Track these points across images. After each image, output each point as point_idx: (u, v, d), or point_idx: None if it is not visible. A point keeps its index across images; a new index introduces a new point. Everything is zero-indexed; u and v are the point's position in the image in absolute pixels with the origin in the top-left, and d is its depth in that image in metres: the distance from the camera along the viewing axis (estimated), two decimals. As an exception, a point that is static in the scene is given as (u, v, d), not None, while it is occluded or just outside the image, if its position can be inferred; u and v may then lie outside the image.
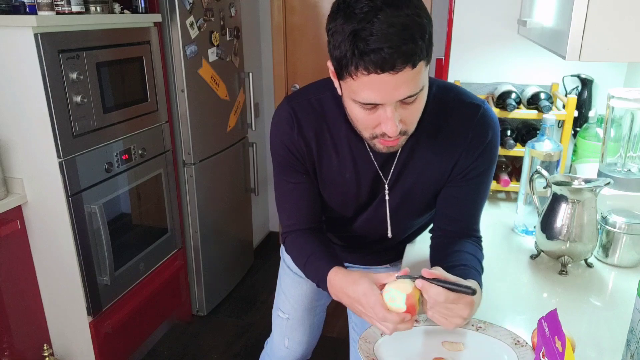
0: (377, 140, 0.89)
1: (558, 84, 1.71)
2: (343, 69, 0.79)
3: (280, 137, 1.02)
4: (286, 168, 1.04)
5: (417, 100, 0.83)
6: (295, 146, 1.01)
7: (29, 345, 1.89)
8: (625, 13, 0.89)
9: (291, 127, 1.00)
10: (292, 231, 1.09)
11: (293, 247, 1.09)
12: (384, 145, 0.90)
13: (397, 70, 0.75)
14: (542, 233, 1.19)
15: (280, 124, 1.02)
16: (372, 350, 0.88)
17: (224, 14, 2.47)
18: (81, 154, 1.75)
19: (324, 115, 1.00)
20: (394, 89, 0.78)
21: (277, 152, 1.04)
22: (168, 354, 2.36)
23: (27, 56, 1.56)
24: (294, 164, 1.03)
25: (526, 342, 0.89)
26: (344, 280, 0.92)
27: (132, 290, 2.08)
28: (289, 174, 1.05)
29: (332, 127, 1.00)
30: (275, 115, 1.05)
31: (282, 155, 1.03)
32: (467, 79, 1.78)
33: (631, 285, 1.12)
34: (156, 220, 2.25)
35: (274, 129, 1.04)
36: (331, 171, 1.03)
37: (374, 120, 0.84)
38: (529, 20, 1.32)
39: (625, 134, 1.39)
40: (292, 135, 1.00)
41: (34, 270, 1.86)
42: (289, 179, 1.05)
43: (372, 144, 0.92)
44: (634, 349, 0.78)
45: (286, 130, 1.01)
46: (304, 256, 1.04)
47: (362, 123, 0.87)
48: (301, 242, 1.07)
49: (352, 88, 0.81)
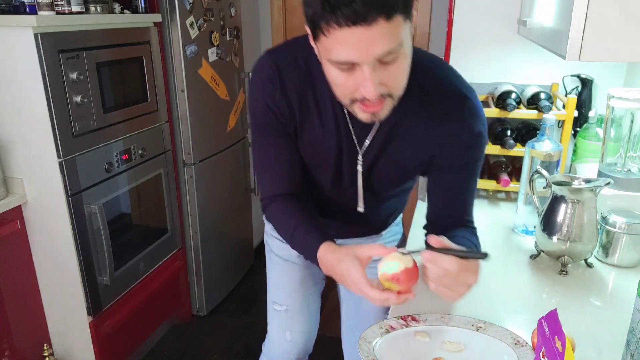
0: (357, 106, 0.83)
1: (558, 84, 1.71)
2: (316, 28, 0.75)
3: (262, 96, 0.95)
4: (267, 129, 0.98)
5: (398, 60, 0.78)
6: (277, 106, 0.94)
7: (29, 345, 1.89)
8: (625, 13, 0.89)
9: (274, 85, 0.93)
10: (274, 196, 1.02)
11: (276, 215, 1.02)
12: (366, 112, 0.83)
13: (370, 21, 0.71)
14: (542, 233, 1.19)
15: (262, 82, 0.94)
16: (372, 350, 0.88)
17: (224, 14, 2.47)
18: (81, 154, 1.75)
19: (310, 75, 0.93)
20: (369, 44, 0.73)
21: (257, 112, 0.97)
22: (168, 354, 2.36)
23: (27, 56, 1.56)
24: (276, 126, 0.96)
25: (526, 342, 0.89)
26: (331, 259, 0.89)
27: (132, 290, 2.08)
28: (270, 136, 0.98)
29: (317, 89, 0.93)
30: (255, 71, 0.96)
31: (263, 116, 0.96)
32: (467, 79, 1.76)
33: (631, 285, 1.12)
34: (156, 220, 2.25)
35: (255, 86, 0.96)
36: (313, 137, 0.97)
37: (352, 84, 0.79)
38: (529, 20, 1.32)
39: (625, 134, 1.39)
40: (274, 95, 0.93)
41: (34, 270, 1.86)
42: (270, 140, 0.99)
43: (354, 112, 0.86)
44: (634, 349, 0.78)
45: (268, 88, 0.94)
46: (290, 227, 0.98)
47: (341, 88, 0.82)
48: (286, 211, 1.00)
49: (326, 46, 0.76)
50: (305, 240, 0.96)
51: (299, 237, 0.97)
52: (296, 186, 1.03)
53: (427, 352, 0.89)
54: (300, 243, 0.98)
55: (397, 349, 0.90)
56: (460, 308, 1.01)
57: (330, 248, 0.90)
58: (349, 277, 0.83)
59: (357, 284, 0.82)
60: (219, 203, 2.63)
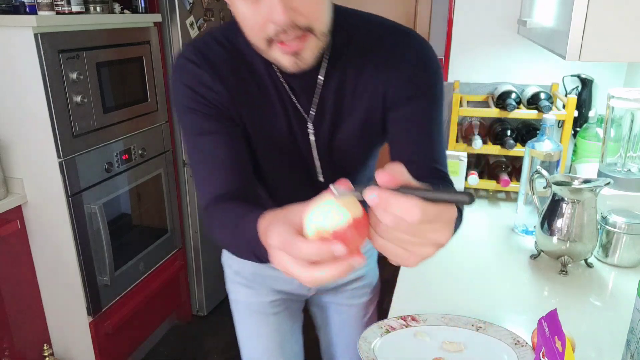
0: (277, 49, 0.72)
1: (558, 84, 1.71)
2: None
3: (186, 81, 0.82)
4: (198, 120, 0.83)
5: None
6: (208, 88, 0.82)
7: (29, 345, 1.89)
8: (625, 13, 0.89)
9: (200, 67, 0.82)
10: (215, 198, 0.81)
11: (216, 219, 0.79)
12: (287, 54, 0.73)
13: None
14: (542, 233, 1.19)
15: (184, 67, 0.83)
16: (372, 350, 0.88)
17: (224, 14, 2.47)
18: (81, 154, 1.75)
19: (237, 50, 0.83)
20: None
21: (183, 103, 0.83)
22: (168, 354, 2.36)
23: (27, 56, 1.56)
24: (208, 112, 0.83)
25: (526, 342, 0.89)
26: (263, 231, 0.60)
27: (132, 290, 2.08)
28: (202, 126, 0.83)
29: (250, 62, 0.83)
30: (175, 64, 0.85)
31: (191, 104, 0.83)
32: (467, 79, 1.78)
33: (631, 285, 1.12)
34: (156, 220, 2.25)
35: (176, 74, 0.84)
36: (259, 116, 0.86)
37: (262, 14, 0.68)
38: (529, 20, 1.32)
39: (625, 134, 1.39)
40: (202, 76, 0.82)
41: (34, 270, 1.86)
42: (204, 131, 0.83)
43: (276, 61, 0.75)
44: (634, 349, 0.78)
45: (193, 71, 0.82)
46: (230, 224, 0.73)
47: (251, 25, 0.72)
48: (225, 209, 0.78)
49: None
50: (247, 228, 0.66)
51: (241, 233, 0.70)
52: (241, 184, 0.84)
53: (427, 352, 0.89)
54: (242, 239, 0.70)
55: (397, 349, 0.90)
56: (460, 308, 1.01)
57: (269, 215, 0.60)
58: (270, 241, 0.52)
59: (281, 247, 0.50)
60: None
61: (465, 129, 1.72)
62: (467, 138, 1.65)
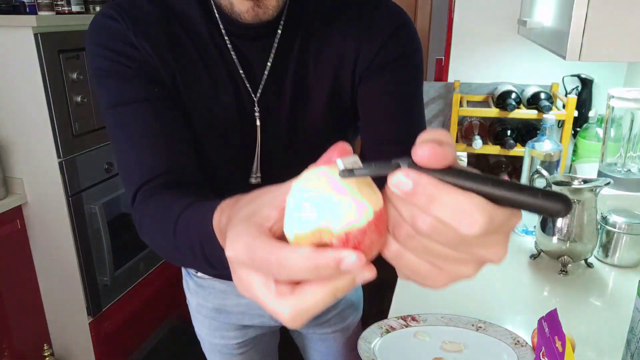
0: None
1: (558, 84, 1.71)
2: None
3: (102, 40, 0.65)
4: (117, 85, 0.65)
5: None
6: (129, 46, 0.65)
7: (29, 345, 1.89)
8: (625, 13, 0.89)
9: (119, 22, 0.65)
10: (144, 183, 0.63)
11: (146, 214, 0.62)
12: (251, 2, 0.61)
13: None
14: (542, 233, 1.19)
15: (101, 25, 0.66)
16: (372, 350, 0.88)
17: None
18: (81, 154, 1.75)
19: (171, 8, 0.68)
20: None
21: (98, 67, 0.66)
22: (168, 354, 2.36)
23: (27, 56, 1.56)
24: (130, 74, 0.65)
25: (526, 342, 0.89)
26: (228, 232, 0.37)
27: (132, 290, 2.08)
28: (123, 93, 0.65)
29: (187, 22, 0.68)
30: (90, 24, 0.68)
31: (108, 66, 0.65)
32: (467, 79, 1.78)
33: (631, 285, 1.12)
34: (156, 220, 2.24)
35: (91, 35, 0.67)
36: (199, 90, 0.69)
37: None
38: (529, 20, 1.32)
39: (625, 134, 1.39)
40: (122, 33, 0.65)
41: (34, 270, 1.86)
42: (126, 99, 0.65)
43: (230, 6, 0.64)
44: (634, 349, 0.78)
45: (111, 27, 0.65)
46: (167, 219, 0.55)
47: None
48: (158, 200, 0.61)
49: None
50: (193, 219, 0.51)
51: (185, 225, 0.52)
52: (181, 167, 0.65)
53: (427, 352, 0.89)
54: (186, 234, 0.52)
55: (397, 349, 0.90)
56: (460, 308, 1.01)
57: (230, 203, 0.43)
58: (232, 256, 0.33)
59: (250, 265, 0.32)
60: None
61: (465, 129, 1.72)
62: (467, 138, 1.65)
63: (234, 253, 0.32)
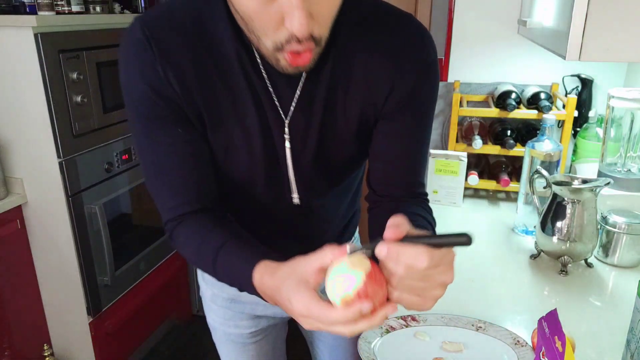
0: (282, 54, 0.62)
1: (558, 84, 1.71)
2: None
3: (136, 73, 0.69)
4: (153, 121, 0.71)
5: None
6: (160, 81, 0.68)
7: (29, 345, 1.89)
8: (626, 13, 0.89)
9: (149, 55, 0.67)
10: (178, 216, 0.74)
11: (187, 240, 0.74)
12: (291, 62, 0.62)
13: None
14: (542, 233, 1.19)
15: (131, 55, 0.69)
16: (372, 350, 0.88)
17: (224, 14, 2.47)
18: (81, 154, 1.75)
19: (203, 36, 0.69)
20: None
21: (135, 99, 0.71)
22: (168, 354, 2.36)
23: (27, 56, 1.56)
24: (164, 112, 0.70)
25: (526, 342, 0.89)
26: (271, 288, 0.62)
27: (132, 290, 2.08)
28: (158, 130, 0.71)
29: (217, 48, 0.69)
30: (122, 43, 0.70)
31: (144, 102, 0.70)
32: (467, 79, 1.78)
33: (631, 285, 1.12)
34: (156, 220, 2.23)
35: (124, 63, 0.70)
36: (225, 119, 0.72)
37: (275, 14, 0.58)
38: (529, 20, 1.32)
39: (625, 134, 1.39)
40: (153, 66, 0.67)
41: (34, 270, 1.86)
42: (161, 137, 0.71)
43: (275, 60, 0.64)
44: (634, 349, 0.78)
45: (142, 60, 0.68)
46: (210, 252, 0.70)
47: (259, 21, 0.59)
48: (199, 230, 0.73)
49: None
50: (234, 267, 0.67)
51: (224, 263, 0.69)
52: (209, 198, 0.76)
53: (427, 352, 0.89)
54: (227, 271, 0.69)
55: (397, 349, 0.90)
56: (460, 308, 1.01)
57: (268, 271, 0.63)
58: (296, 306, 0.56)
59: (309, 313, 0.56)
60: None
61: (465, 129, 1.72)
62: (467, 138, 1.65)
63: (298, 309, 0.57)
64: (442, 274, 0.55)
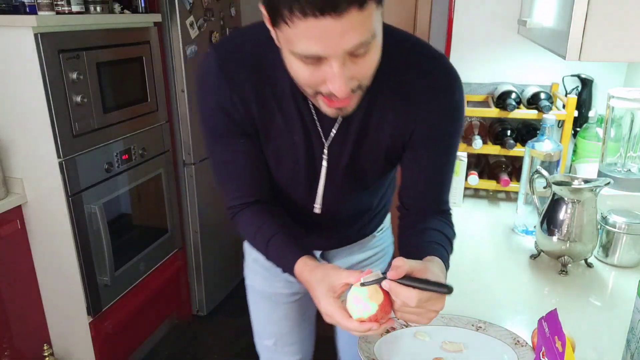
0: (322, 99, 0.74)
1: (558, 84, 1.71)
2: (276, 14, 0.65)
3: (211, 97, 0.86)
4: (223, 135, 0.88)
5: (370, 53, 0.69)
6: (230, 106, 0.85)
7: (29, 345, 1.89)
8: (625, 13, 0.89)
9: (222, 83, 0.83)
10: (240, 205, 0.94)
11: (247, 225, 0.94)
12: (332, 107, 0.75)
13: (340, 11, 0.61)
14: (542, 233, 1.19)
15: (208, 81, 0.85)
16: (372, 350, 0.88)
17: (224, 14, 2.47)
18: (81, 154, 1.75)
19: (264, 67, 0.83)
20: (339, 36, 0.63)
21: (208, 117, 0.88)
22: (168, 354, 2.36)
23: (27, 56, 1.56)
24: (232, 128, 0.87)
25: (526, 342, 0.89)
26: (308, 281, 0.81)
27: (132, 290, 2.08)
28: (227, 141, 0.89)
29: (275, 81, 0.83)
30: (200, 68, 0.87)
31: (215, 120, 0.87)
32: (467, 79, 1.78)
33: (631, 285, 1.12)
34: (156, 220, 2.25)
35: (201, 88, 0.87)
36: (277, 135, 0.88)
37: (319, 78, 0.69)
38: (529, 20, 1.32)
39: (625, 134, 1.39)
40: (225, 95, 0.84)
41: (34, 270, 1.86)
42: (228, 146, 0.89)
43: (317, 104, 0.77)
44: (634, 349, 0.78)
45: (216, 87, 0.84)
46: (264, 238, 0.90)
47: (304, 82, 0.72)
48: (257, 220, 0.92)
49: (288, 37, 0.66)
50: (281, 255, 0.88)
51: (274, 250, 0.90)
52: (264, 192, 0.95)
53: (427, 352, 0.89)
54: (275, 256, 0.90)
55: (397, 349, 0.90)
56: (460, 308, 1.01)
57: (307, 267, 0.82)
58: (324, 308, 0.77)
59: (332, 317, 0.76)
60: (219, 203, 2.61)
61: (465, 128, 1.72)
62: (467, 138, 1.65)
63: (324, 309, 0.76)
64: (433, 305, 0.73)
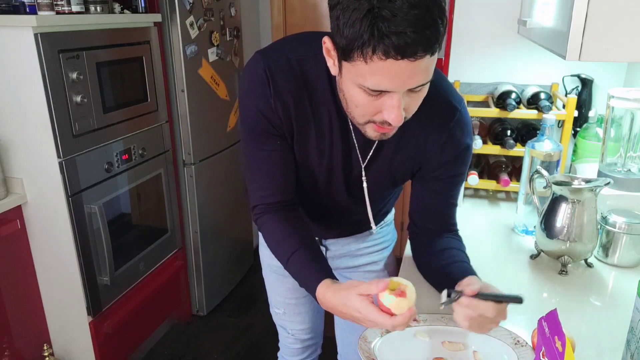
0: (370, 126, 0.83)
1: (558, 84, 1.71)
2: (355, 50, 0.71)
3: (254, 100, 0.92)
4: (260, 134, 0.95)
5: (423, 90, 0.78)
6: (271, 111, 0.91)
7: (29, 345, 1.89)
8: (625, 13, 0.89)
9: (267, 89, 0.90)
10: (266, 205, 1.00)
11: (271, 232, 1.00)
12: (379, 132, 0.83)
13: (417, 57, 0.69)
14: (542, 233, 1.19)
15: (254, 84, 0.91)
16: (372, 350, 0.88)
17: (224, 14, 2.47)
18: (81, 154, 1.75)
19: (305, 80, 0.91)
20: (410, 77, 0.72)
21: (249, 116, 0.94)
22: (168, 354, 2.36)
23: (27, 56, 1.56)
24: (269, 130, 0.94)
25: (526, 342, 0.89)
26: (334, 302, 0.85)
27: (132, 290, 2.08)
28: (263, 141, 0.95)
29: (313, 95, 0.91)
30: (247, 72, 0.93)
31: (255, 121, 0.93)
32: (467, 79, 1.78)
33: (631, 285, 1.12)
34: (156, 220, 2.25)
35: (246, 89, 0.93)
36: (308, 142, 0.96)
37: (377, 107, 0.78)
38: (529, 20, 1.32)
39: (625, 134, 1.39)
40: (268, 100, 0.90)
41: (34, 270, 1.86)
42: (263, 146, 0.96)
43: (363, 130, 0.85)
44: (634, 349, 0.78)
45: (261, 92, 0.90)
46: (286, 252, 0.96)
47: (362, 109, 0.80)
48: (281, 229, 0.98)
49: (362, 72, 0.73)
50: (302, 273, 0.93)
51: (295, 265, 0.94)
52: (289, 193, 1.01)
53: (427, 352, 0.89)
54: (296, 272, 0.95)
55: (397, 349, 0.90)
56: (460, 308, 1.01)
57: (330, 289, 0.87)
58: (366, 317, 0.81)
59: (376, 322, 0.80)
60: (219, 203, 2.63)
61: (465, 129, 1.72)
62: (467, 138, 1.65)
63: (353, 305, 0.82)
64: (499, 317, 0.84)
